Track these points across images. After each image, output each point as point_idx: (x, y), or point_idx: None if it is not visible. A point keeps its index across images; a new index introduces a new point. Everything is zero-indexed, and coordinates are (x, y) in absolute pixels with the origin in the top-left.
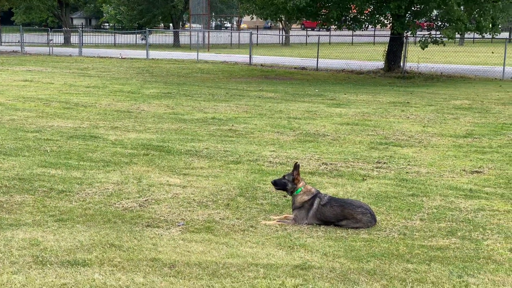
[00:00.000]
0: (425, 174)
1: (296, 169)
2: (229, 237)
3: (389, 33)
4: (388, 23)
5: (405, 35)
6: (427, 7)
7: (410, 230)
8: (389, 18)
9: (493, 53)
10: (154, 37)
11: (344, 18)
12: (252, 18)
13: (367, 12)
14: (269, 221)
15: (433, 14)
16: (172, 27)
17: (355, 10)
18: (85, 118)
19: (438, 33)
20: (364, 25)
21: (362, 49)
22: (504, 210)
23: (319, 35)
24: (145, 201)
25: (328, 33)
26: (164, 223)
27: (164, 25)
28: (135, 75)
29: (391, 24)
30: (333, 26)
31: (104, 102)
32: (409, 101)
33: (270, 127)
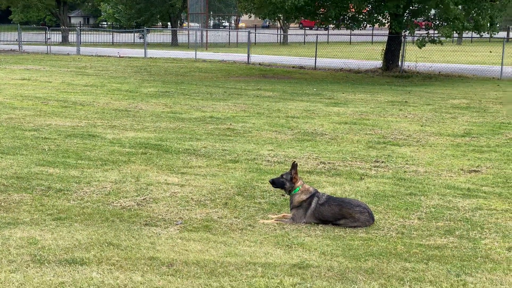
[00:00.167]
0: (423, 173)
1: (293, 168)
2: (227, 236)
3: (387, 32)
4: (386, 22)
5: (403, 34)
6: (425, 6)
7: (408, 229)
8: (387, 17)
9: (491, 52)
10: (152, 36)
11: (342, 17)
12: (250, 17)
13: (365, 11)
14: (267, 220)
15: (431, 13)
16: (170, 26)
17: (353, 9)
18: (83, 117)
19: (436, 32)
20: (362, 24)
21: (360, 48)
22: (501, 209)
23: (317, 34)
24: (143, 200)
25: (326, 32)
26: (162, 222)
27: (162, 24)
28: (133, 74)
29: (389, 23)
30: (331, 25)
31: (102, 101)
32: (407, 100)
33: (268, 126)
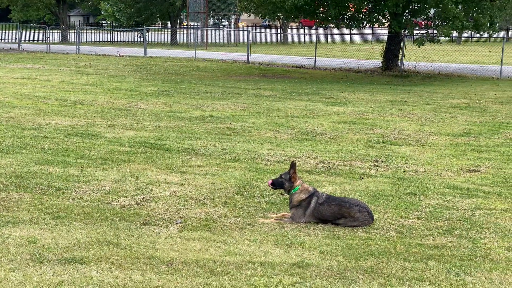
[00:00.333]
0: (422, 173)
1: (292, 167)
2: (226, 235)
3: (387, 31)
4: (386, 21)
5: (402, 34)
6: (425, 5)
7: (408, 228)
8: (387, 16)
9: (490, 52)
10: (152, 35)
11: (342, 16)
12: (250, 16)
13: (365, 10)
14: (266, 219)
15: (431, 12)
16: (169, 25)
17: (353, 9)
18: (82, 116)
19: (435, 31)
20: (362, 23)
21: (360, 47)
22: (501, 209)
23: (317, 34)
24: (143, 199)
25: (326, 32)
26: (162, 221)
27: (161, 23)
28: (132, 73)
29: (388, 23)
30: (331, 25)
31: (101, 100)
32: (406, 99)
33: (267, 126)
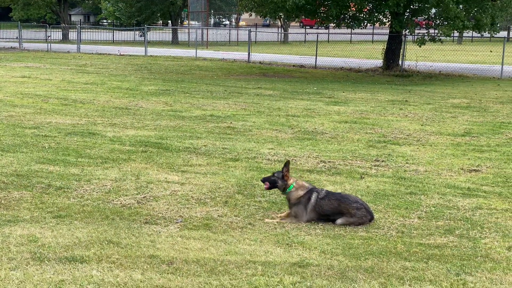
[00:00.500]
0: (423, 173)
1: (286, 166)
2: (227, 234)
3: (388, 31)
4: (386, 21)
5: (403, 34)
6: (426, 5)
7: (408, 228)
8: (387, 16)
9: (491, 52)
10: (153, 34)
11: (343, 16)
12: (251, 16)
13: (366, 10)
14: (271, 220)
15: (432, 12)
16: (170, 24)
17: (354, 8)
18: (83, 114)
19: (436, 31)
20: (363, 23)
21: (360, 47)
22: (501, 208)
23: (317, 33)
24: (143, 198)
25: (327, 31)
26: (162, 220)
27: (162, 22)
28: (133, 72)
29: (389, 22)
30: (332, 24)
31: (102, 99)
32: (407, 99)
33: (268, 125)
